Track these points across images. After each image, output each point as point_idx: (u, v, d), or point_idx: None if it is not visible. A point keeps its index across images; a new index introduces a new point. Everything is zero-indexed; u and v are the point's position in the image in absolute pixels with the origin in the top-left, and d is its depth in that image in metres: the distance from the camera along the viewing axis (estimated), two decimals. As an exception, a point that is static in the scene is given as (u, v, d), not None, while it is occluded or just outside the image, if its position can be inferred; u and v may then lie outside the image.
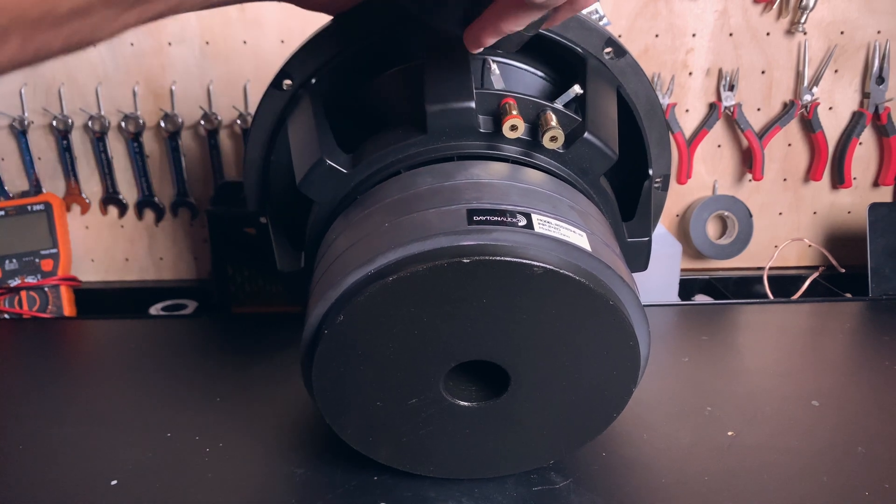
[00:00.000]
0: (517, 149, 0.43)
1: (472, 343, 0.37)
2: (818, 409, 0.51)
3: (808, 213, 0.87)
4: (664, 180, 0.53)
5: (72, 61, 0.80)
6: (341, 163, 0.43)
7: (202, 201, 0.85)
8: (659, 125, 0.51)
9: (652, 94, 0.50)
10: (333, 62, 0.49)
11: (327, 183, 0.43)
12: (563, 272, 0.35)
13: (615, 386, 0.39)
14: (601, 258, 0.37)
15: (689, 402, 0.52)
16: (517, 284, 0.35)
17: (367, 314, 0.36)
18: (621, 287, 0.38)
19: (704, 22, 0.79)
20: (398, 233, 0.37)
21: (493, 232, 0.36)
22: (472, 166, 0.41)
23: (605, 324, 0.37)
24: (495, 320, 0.36)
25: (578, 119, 0.44)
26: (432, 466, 0.43)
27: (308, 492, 0.43)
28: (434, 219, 0.37)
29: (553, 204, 0.39)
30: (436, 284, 0.35)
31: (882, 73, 0.80)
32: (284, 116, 0.50)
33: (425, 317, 0.36)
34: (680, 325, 0.68)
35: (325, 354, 0.37)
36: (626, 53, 0.49)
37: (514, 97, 0.43)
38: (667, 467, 0.45)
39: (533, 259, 0.35)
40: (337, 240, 0.41)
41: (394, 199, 0.40)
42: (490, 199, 0.38)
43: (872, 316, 0.69)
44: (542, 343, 0.37)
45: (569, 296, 0.36)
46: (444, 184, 0.40)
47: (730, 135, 0.84)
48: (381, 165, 0.43)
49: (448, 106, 0.42)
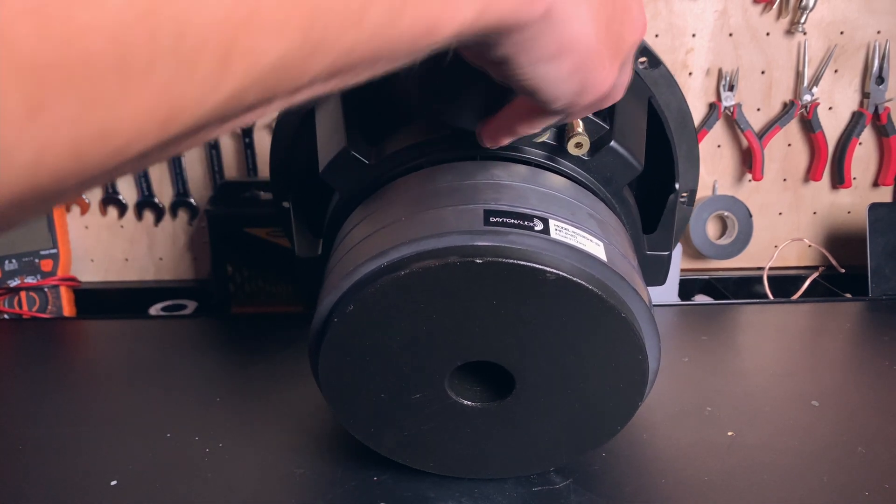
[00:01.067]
0: (541, 152, 0.43)
1: (479, 343, 0.37)
2: (818, 409, 0.51)
3: (807, 213, 0.87)
4: (690, 195, 0.52)
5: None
6: (365, 154, 0.44)
7: (202, 201, 0.85)
8: (689, 139, 0.50)
9: (684, 106, 0.49)
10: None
11: (349, 173, 0.44)
12: (575, 280, 0.35)
13: (621, 399, 0.39)
14: (616, 269, 0.36)
15: (689, 402, 0.52)
16: (528, 289, 0.35)
17: (377, 306, 0.36)
18: (634, 299, 0.37)
19: (704, 22, 0.79)
20: (413, 228, 0.37)
21: (509, 234, 0.35)
22: (493, 167, 0.41)
23: (615, 336, 0.37)
24: (504, 323, 0.36)
25: (606, 127, 0.43)
26: (433, 463, 0.43)
27: (307, 492, 0.43)
28: (450, 217, 0.37)
29: (572, 210, 0.39)
30: (447, 282, 0.35)
31: (882, 73, 0.80)
32: (313, 105, 0.50)
33: (434, 313, 0.36)
34: (680, 325, 0.68)
35: (333, 343, 0.37)
36: (660, 64, 0.48)
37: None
38: (667, 467, 0.45)
39: (546, 265, 0.35)
40: (353, 230, 0.41)
41: (412, 193, 0.40)
42: (508, 201, 0.38)
43: (872, 316, 0.69)
44: (549, 349, 0.37)
45: (580, 304, 0.36)
46: (463, 182, 0.40)
47: (729, 135, 0.84)
48: (404, 159, 0.43)
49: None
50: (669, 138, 0.50)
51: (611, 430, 0.41)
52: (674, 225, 0.49)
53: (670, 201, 0.49)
